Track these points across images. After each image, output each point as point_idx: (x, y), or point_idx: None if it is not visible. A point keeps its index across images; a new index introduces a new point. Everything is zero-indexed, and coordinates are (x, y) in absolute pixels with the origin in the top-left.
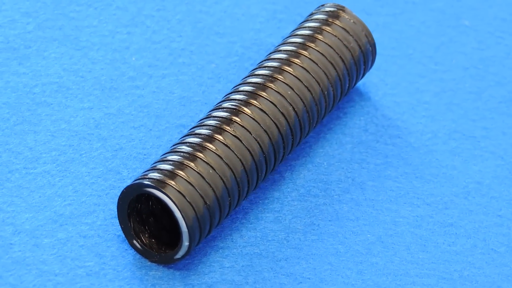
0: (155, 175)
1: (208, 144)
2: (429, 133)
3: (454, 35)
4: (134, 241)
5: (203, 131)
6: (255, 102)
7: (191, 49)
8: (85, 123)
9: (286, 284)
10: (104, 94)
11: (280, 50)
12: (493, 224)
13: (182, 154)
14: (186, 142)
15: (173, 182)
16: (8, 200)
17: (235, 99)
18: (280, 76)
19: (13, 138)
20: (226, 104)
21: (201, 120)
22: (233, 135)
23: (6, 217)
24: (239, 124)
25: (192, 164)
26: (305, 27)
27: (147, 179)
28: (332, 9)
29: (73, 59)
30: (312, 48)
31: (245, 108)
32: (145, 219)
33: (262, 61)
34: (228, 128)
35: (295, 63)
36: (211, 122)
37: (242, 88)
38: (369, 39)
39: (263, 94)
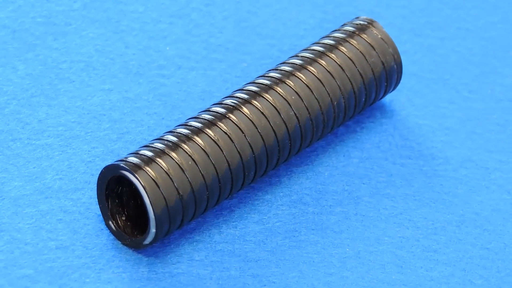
0: (133, 159)
1: (195, 137)
2: (442, 158)
3: (498, 66)
4: (110, 222)
5: (195, 123)
6: (256, 102)
7: (227, 46)
8: (101, 104)
9: (250, 285)
10: (127, 78)
11: (298, 56)
12: (478, 255)
13: (166, 142)
14: (174, 132)
15: (148, 168)
16: (2, 166)
17: (237, 97)
18: (288, 81)
19: (26, 108)
20: (227, 101)
21: (199, 113)
22: (223, 131)
23: None
24: (233, 121)
25: (173, 154)
26: (331, 36)
27: (124, 162)
28: (362, 22)
29: (108, 41)
30: (330, 58)
31: (243, 107)
32: (126, 202)
33: (278, 65)
34: (221, 124)
35: (308, 70)
36: (206, 116)
37: (248, 88)
38: (395, 57)
39: (266, 96)
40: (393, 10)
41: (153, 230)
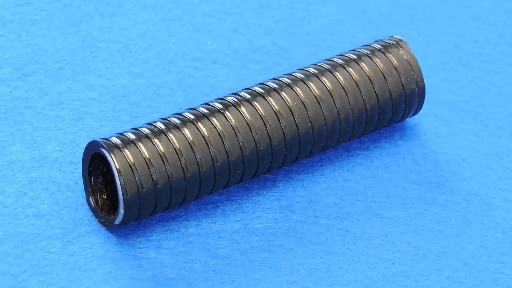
0: (114, 139)
1: (183, 127)
2: (447, 188)
3: None
4: (90, 198)
5: (188, 114)
6: (256, 103)
7: (269, 49)
8: (124, 85)
9: (209, 280)
10: (159, 65)
11: (316, 64)
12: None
13: (153, 128)
14: (165, 119)
15: (126, 150)
16: (8, 130)
17: (240, 95)
18: (296, 87)
19: (50, 79)
20: (229, 98)
21: (198, 105)
22: (214, 126)
23: None
24: (226, 118)
25: (155, 140)
26: (355, 50)
27: (105, 140)
28: (391, 40)
29: (153, 28)
30: (346, 71)
31: (241, 106)
32: (110, 180)
33: (294, 71)
34: (213, 119)
35: (320, 79)
36: (202, 108)
37: (254, 88)
38: (418, 81)
39: (268, 98)
40: (449, 37)
41: (121, 211)
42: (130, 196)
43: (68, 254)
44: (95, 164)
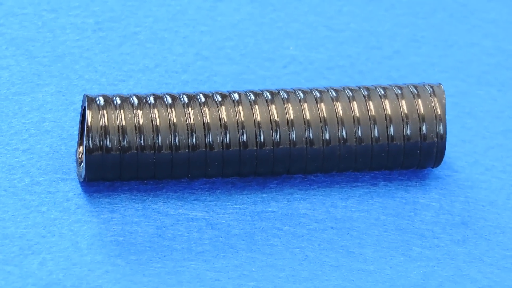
0: (100, 98)
1: (171, 107)
2: (428, 244)
3: None
4: (77, 148)
5: (184, 97)
6: (256, 107)
7: (345, 69)
8: (184, 64)
9: (140, 253)
10: (229, 55)
11: (341, 87)
12: None
13: (143, 98)
14: (160, 93)
15: (104, 111)
16: (52, 71)
17: (245, 94)
18: (303, 102)
19: (120, 39)
20: (235, 94)
21: (200, 91)
22: (203, 114)
23: (24, 87)
24: (218, 111)
25: (137, 111)
26: (389, 85)
27: (91, 97)
28: (428, 86)
29: (247, 21)
30: (365, 101)
31: (239, 105)
32: None
33: (316, 87)
34: (204, 107)
35: (333, 101)
36: (201, 95)
37: (264, 92)
38: (439, 132)
39: (270, 104)
40: None
41: (83, 165)
42: (93, 155)
43: (29, 192)
44: None
